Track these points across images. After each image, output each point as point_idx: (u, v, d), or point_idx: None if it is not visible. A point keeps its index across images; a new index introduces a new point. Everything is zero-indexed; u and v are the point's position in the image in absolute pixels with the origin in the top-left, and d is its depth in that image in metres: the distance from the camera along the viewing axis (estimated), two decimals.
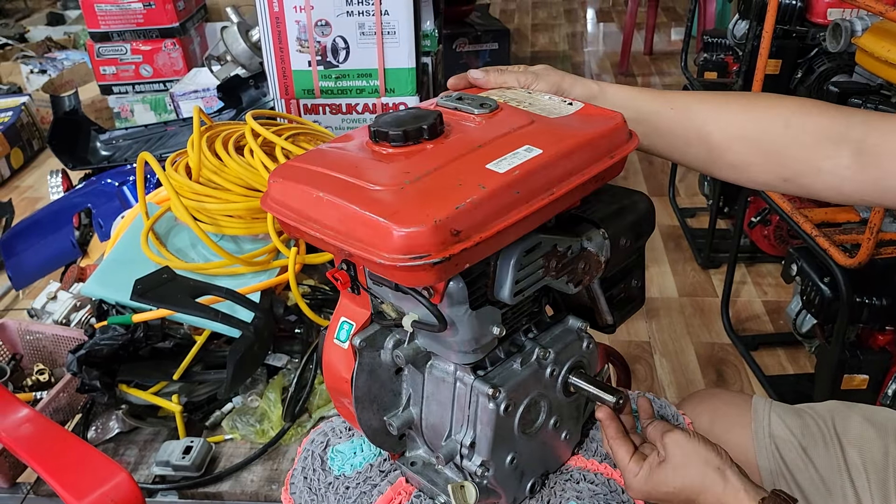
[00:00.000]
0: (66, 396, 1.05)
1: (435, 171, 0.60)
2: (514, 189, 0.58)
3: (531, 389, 0.71)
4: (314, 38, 1.57)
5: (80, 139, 1.79)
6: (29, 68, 3.56)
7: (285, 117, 1.49)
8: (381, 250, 0.55)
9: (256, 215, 1.17)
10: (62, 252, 1.54)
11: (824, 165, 0.70)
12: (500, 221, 0.57)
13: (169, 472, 0.98)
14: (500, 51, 3.73)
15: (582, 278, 0.71)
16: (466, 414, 0.70)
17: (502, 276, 0.64)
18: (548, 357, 0.72)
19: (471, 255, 0.57)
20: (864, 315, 1.41)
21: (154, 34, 2.55)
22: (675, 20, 5.03)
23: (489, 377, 0.69)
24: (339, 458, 0.84)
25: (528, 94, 0.75)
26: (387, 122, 0.65)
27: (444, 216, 0.54)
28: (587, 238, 0.70)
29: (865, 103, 1.29)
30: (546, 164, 0.61)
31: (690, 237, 2.54)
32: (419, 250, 0.54)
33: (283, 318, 1.11)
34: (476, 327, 0.65)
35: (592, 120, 0.68)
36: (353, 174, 0.61)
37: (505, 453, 0.71)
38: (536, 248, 0.65)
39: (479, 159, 0.61)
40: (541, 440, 0.75)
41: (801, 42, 1.84)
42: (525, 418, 0.71)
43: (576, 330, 0.75)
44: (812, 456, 0.84)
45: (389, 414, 0.73)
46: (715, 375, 1.98)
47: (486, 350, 0.68)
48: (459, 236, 0.55)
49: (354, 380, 0.70)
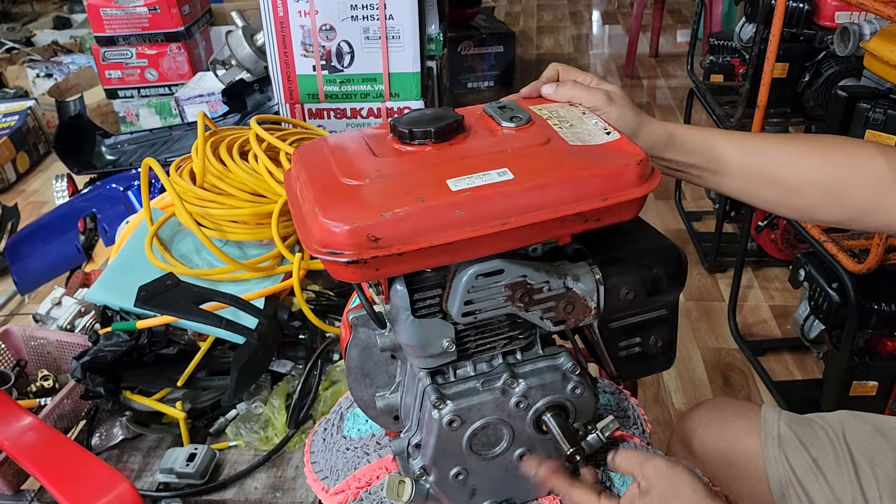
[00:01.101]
0: (70, 403, 1.05)
1: (401, 175, 0.61)
2: (456, 210, 0.57)
3: (488, 413, 0.68)
4: (319, 42, 1.57)
5: (86, 144, 1.79)
6: (35, 72, 3.58)
7: (290, 122, 1.49)
8: (310, 239, 0.58)
9: (261, 221, 1.17)
10: (67, 257, 1.54)
11: (889, 204, 0.73)
12: (431, 239, 0.56)
13: (173, 479, 0.97)
14: (506, 53, 3.73)
15: (564, 318, 0.67)
16: (419, 415, 0.70)
17: (453, 292, 0.63)
18: (515, 387, 0.68)
19: (393, 263, 0.57)
20: (872, 321, 1.39)
21: (159, 38, 2.56)
22: (680, 22, 5.01)
23: (445, 387, 0.68)
24: (354, 420, 0.88)
25: (580, 115, 0.71)
26: (406, 119, 0.66)
27: (364, 220, 0.56)
28: (573, 278, 0.66)
29: (874, 108, 1.28)
30: (508, 192, 0.58)
31: (697, 241, 2.53)
32: (335, 247, 0.56)
33: (288, 324, 1.10)
34: (420, 335, 0.64)
35: (609, 155, 0.64)
36: (343, 162, 0.64)
37: (450, 465, 0.70)
38: (496, 275, 0.62)
39: (448, 172, 0.60)
40: (502, 467, 0.72)
41: (808, 45, 1.83)
42: (479, 440, 0.69)
43: (563, 370, 0.70)
44: (822, 466, 0.84)
45: (380, 393, 0.74)
46: (722, 381, 1.97)
47: (441, 360, 0.66)
48: (378, 243, 0.55)
49: (347, 351, 0.73)
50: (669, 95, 3.88)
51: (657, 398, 1.91)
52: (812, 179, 0.75)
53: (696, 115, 3.09)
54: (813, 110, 1.87)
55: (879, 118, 1.28)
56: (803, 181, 0.75)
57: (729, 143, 0.76)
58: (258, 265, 1.14)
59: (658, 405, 1.88)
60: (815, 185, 0.75)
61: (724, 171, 0.76)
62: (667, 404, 1.89)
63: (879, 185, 0.73)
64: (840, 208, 0.76)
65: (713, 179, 0.77)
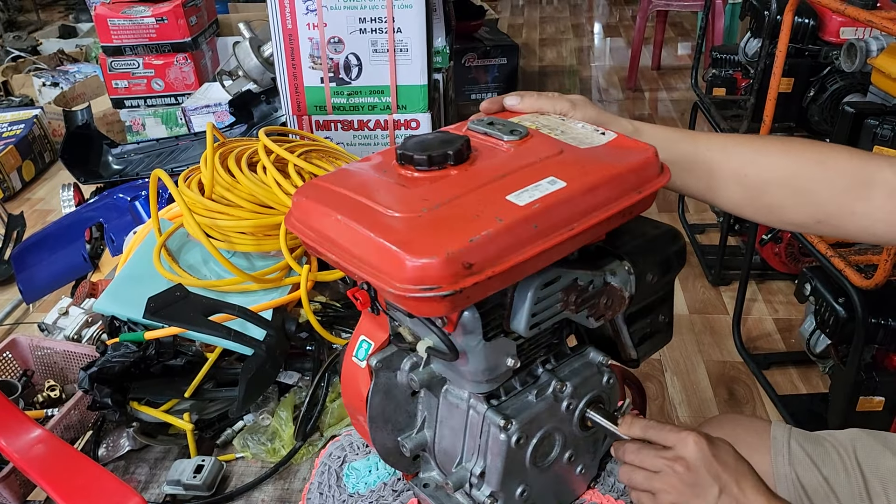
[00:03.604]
0: (78, 414, 1.05)
1: (454, 200, 0.59)
2: (531, 223, 0.57)
3: (545, 422, 0.69)
4: (327, 54, 1.58)
5: (93, 153, 1.79)
6: (41, 81, 3.59)
7: (297, 133, 1.49)
8: (393, 279, 0.54)
9: (268, 232, 1.17)
10: (74, 266, 1.54)
11: (858, 207, 0.71)
12: (516, 256, 0.56)
13: (180, 491, 0.97)
14: (509, 65, 3.74)
15: (604, 313, 0.69)
16: (478, 443, 0.69)
17: (518, 308, 0.63)
18: (564, 390, 0.70)
19: (483, 288, 0.56)
20: (880, 336, 1.39)
21: (166, 49, 2.57)
22: (681, 35, 5.04)
23: (502, 407, 0.68)
24: (355, 475, 0.84)
25: (561, 121, 0.73)
26: (413, 145, 0.64)
27: (457, 248, 0.53)
28: (611, 273, 0.68)
29: (882, 124, 1.28)
30: (568, 198, 0.59)
31: (700, 254, 2.53)
32: (430, 282, 0.53)
33: (295, 335, 1.10)
34: (489, 358, 0.64)
35: (623, 152, 0.66)
36: (373, 198, 0.60)
37: (515, 485, 0.70)
38: (555, 282, 0.63)
39: (501, 189, 0.60)
40: (554, 473, 0.73)
41: (813, 60, 1.84)
42: (538, 451, 0.70)
43: (596, 364, 0.74)
44: (833, 485, 0.83)
45: (404, 435, 0.73)
46: (727, 394, 1.96)
47: (501, 380, 0.67)
48: (472, 269, 0.54)
49: (369, 400, 0.70)
50: (671, 108, 3.89)
51: (662, 411, 1.91)
52: (778, 177, 0.73)
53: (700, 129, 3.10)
54: (818, 125, 1.88)
55: (888, 134, 1.28)
56: (769, 179, 0.74)
57: (691, 140, 0.76)
58: (266, 276, 1.14)
59: (663, 418, 1.88)
60: (782, 184, 0.73)
61: (688, 168, 0.75)
62: (672, 417, 1.89)
63: (850, 187, 0.71)
64: (807, 209, 0.74)
65: (679, 178, 0.75)
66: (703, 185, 0.76)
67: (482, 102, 0.78)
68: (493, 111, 0.78)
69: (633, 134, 0.76)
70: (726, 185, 0.75)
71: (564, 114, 0.75)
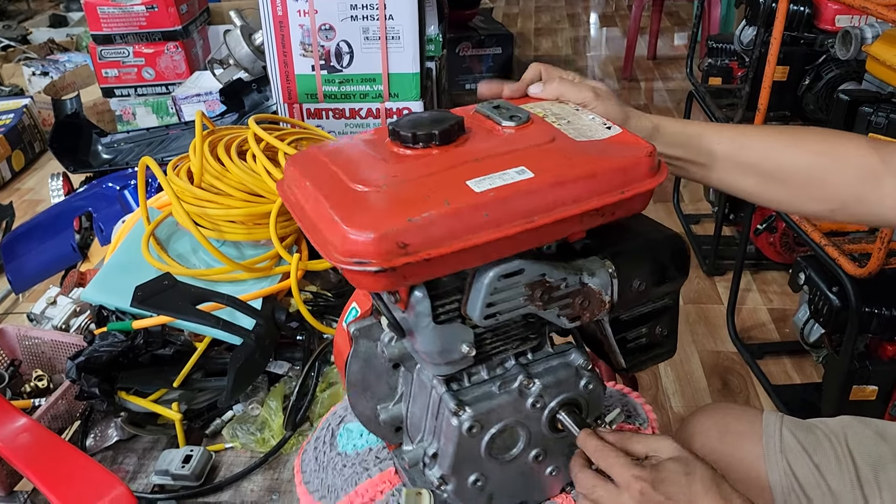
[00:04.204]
0: (65, 403, 1.04)
1: (418, 179, 0.59)
2: (482, 211, 0.56)
3: (506, 416, 0.67)
4: (318, 42, 1.56)
5: (82, 142, 1.77)
6: (31, 70, 3.56)
7: (288, 122, 1.48)
8: (334, 250, 0.56)
9: (258, 221, 1.16)
10: (62, 256, 1.53)
11: (870, 195, 0.73)
12: (459, 242, 0.55)
13: (168, 481, 0.96)
14: (504, 55, 3.73)
15: (580, 314, 0.66)
16: (434, 424, 0.68)
17: (474, 296, 0.61)
18: (531, 387, 0.67)
19: (423, 269, 0.55)
20: (873, 325, 1.39)
21: (157, 37, 2.55)
22: (678, 25, 5.02)
23: (462, 393, 0.66)
24: (347, 436, 0.86)
25: (573, 112, 0.71)
26: (405, 122, 0.64)
27: (393, 227, 0.53)
28: (589, 273, 0.65)
29: (876, 112, 1.27)
30: (530, 190, 0.58)
31: (695, 244, 2.53)
32: (362, 256, 0.53)
33: (285, 325, 1.09)
34: (440, 341, 0.63)
35: (617, 149, 0.63)
36: (348, 169, 0.61)
37: (468, 472, 0.68)
38: (517, 274, 0.61)
39: (466, 174, 0.59)
40: (518, 469, 0.71)
41: (808, 49, 1.83)
42: (496, 443, 0.68)
43: (575, 366, 0.70)
44: (824, 472, 0.83)
45: (382, 405, 0.73)
46: (720, 384, 1.96)
47: (458, 366, 0.65)
48: (407, 249, 0.54)
49: (348, 365, 0.71)
50: (667, 98, 3.88)
51: (655, 401, 1.91)
52: (793, 167, 0.75)
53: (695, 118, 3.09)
54: (813, 113, 1.87)
55: (882, 122, 1.27)
56: (784, 169, 0.75)
57: (710, 133, 0.77)
58: (255, 266, 1.13)
59: (656, 408, 1.88)
60: (796, 173, 0.75)
61: (706, 162, 0.77)
62: (665, 408, 1.89)
63: (862, 175, 0.73)
64: (821, 198, 0.75)
65: (697, 171, 0.77)
66: (720, 176, 0.78)
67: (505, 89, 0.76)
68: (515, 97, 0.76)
69: (653, 132, 0.76)
70: (744, 176, 0.77)
71: (586, 103, 0.73)
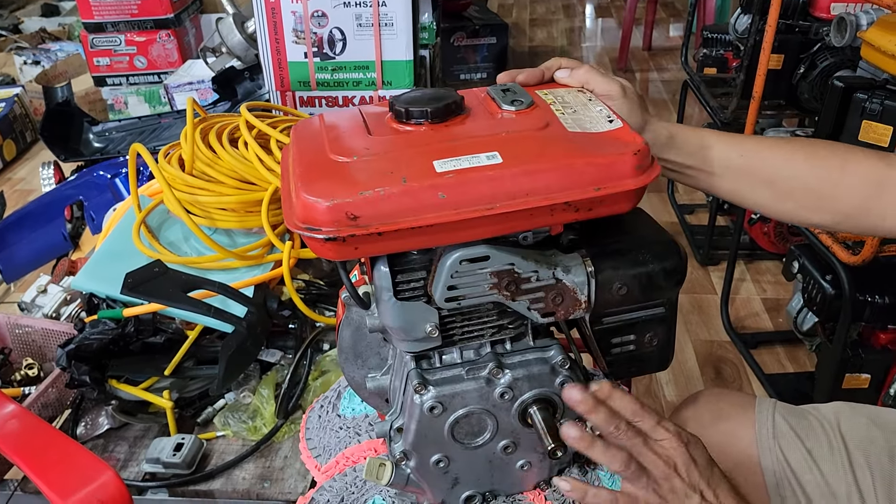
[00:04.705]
0: (55, 392, 1.03)
1: (389, 154, 0.60)
2: (438, 192, 0.56)
3: (471, 402, 0.67)
4: (310, 29, 1.55)
5: (73, 131, 1.76)
6: (22, 59, 3.53)
7: (281, 109, 1.47)
8: (292, 214, 0.58)
9: (250, 209, 1.15)
10: (53, 245, 1.52)
11: (872, 206, 0.74)
12: (411, 220, 0.55)
13: (159, 469, 0.96)
14: (498, 45, 3.71)
15: (553, 311, 0.64)
16: (402, 399, 0.69)
17: (437, 277, 0.61)
18: (500, 377, 0.66)
19: (374, 243, 0.56)
20: (866, 313, 1.39)
21: (148, 25, 2.53)
22: (673, 16, 5.01)
23: (429, 372, 0.67)
24: (349, 400, 0.89)
25: (585, 102, 0.69)
26: (404, 99, 0.65)
27: (343, 198, 0.55)
28: (564, 270, 0.63)
29: (871, 98, 1.27)
30: (494, 176, 0.57)
31: (689, 234, 2.53)
32: (313, 223, 0.55)
33: (277, 313, 1.09)
34: (401, 318, 0.63)
35: (605, 144, 0.61)
36: (335, 139, 0.63)
37: (430, 452, 0.69)
38: (482, 261, 0.61)
39: (437, 153, 0.59)
40: (486, 458, 0.71)
41: (803, 37, 1.82)
42: (462, 428, 0.68)
43: (552, 363, 0.67)
44: (816, 458, 0.83)
45: (371, 375, 0.74)
46: (714, 374, 1.97)
47: (424, 345, 0.65)
48: (357, 221, 0.55)
49: (340, 331, 0.72)
50: (662, 89, 3.87)
51: (649, 390, 1.91)
52: (804, 182, 0.76)
53: (690, 109, 3.08)
54: (807, 102, 1.87)
55: (876, 108, 1.27)
56: (795, 183, 0.77)
57: (725, 145, 0.77)
58: (247, 253, 1.12)
59: (650, 397, 1.88)
60: (806, 188, 0.76)
61: (719, 173, 0.77)
62: (658, 396, 1.89)
63: (866, 188, 0.74)
64: (829, 211, 0.77)
65: (708, 180, 0.78)
66: (731, 188, 0.79)
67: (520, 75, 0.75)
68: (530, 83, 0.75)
69: (669, 140, 0.76)
70: (756, 189, 0.78)
71: (612, 97, 0.73)
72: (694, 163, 0.77)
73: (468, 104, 0.68)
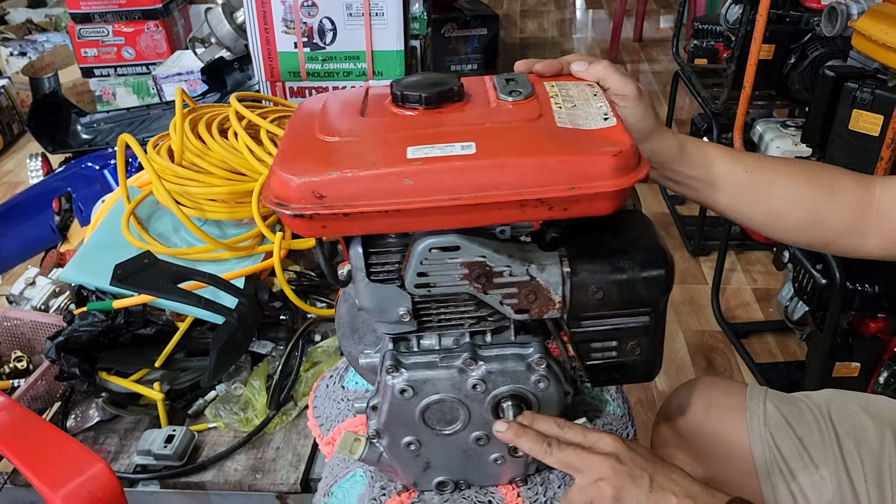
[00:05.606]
0: (45, 384, 1.02)
1: (368, 136, 0.61)
2: (405, 178, 0.56)
3: (443, 390, 0.67)
4: (300, 18, 1.54)
5: (61, 122, 1.74)
6: (9, 50, 3.49)
7: (271, 100, 1.46)
8: (268, 189, 0.59)
9: (241, 199, 1.14)
10: (42, 237, 1.50)
11: (857, 227, 0.76)
12: (375, 203, 0.56)
13: (150, 461, 0.95)
14: (489, 36, 3.70)
15: (527, 308, 0.63)
16: (379, 378, 0.70)
17: (410, 262, 0.62)
18: (473, 368, 0.66)
19: (341, 223, 0.57)
20: (856, 302, 1.40)
21: (136, 16, 2.50)
22: (664, 7, 5.00)
23: (405, 355, 0.68)
24: (356, 373, 0.90)
25: (589, 97, 0.67)
26: (404, 82, 0.66)
27: (311, 176, 0.56)
28: (539, 268, 0.62)
29: (861, 87, 1.27)
30: (462, 167, 0.56)
31: (680, 224, 2.53)
32: (282, 199, 0.57)
33: (268, 304, 1.08)
34: (375, 300, 0.64)
35: (589, 142, 0.59)
36: (329, 119, 0.65)
37: (402, 433, 0.70)
38: (452, 251, 0.60)
39: (414, 140, 0.59)
40: (458, 446, 0.71)
41: (794, 27, 1.82)
42: (434, 414, 0.69)
43: (528, 360, 0.66)
44: (807, 445, 0.83)
45: (366, 352, 0.75)
46: (705, 363, 1.97)
47: (400, 328, 0.66)
48: (323, 201, 0.56)
49: (337, 306, 0.74)
50: (653, 80, 3.87)
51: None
52: (802, 201, 0.77)
53: (681, 100, 3.09)
54: (798, 93, 1.87)
55: (867, 98, 1.27)
56: (790, 202, 0.78)
57: (731, 159, 0.78)
58: (238, 244, 1.12)
59: (640, 386, 1.89)
60: (800, 208, 0.77)
61: (721, 187, 0.77)
62: (649, 386, 1.90)
63: (852, 209, 0.76)
64: (819, 233, 0.79)
65: (709, 194, 0.78)
66: (729, 203, 0.79)
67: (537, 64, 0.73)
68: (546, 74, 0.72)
69: (678, 151, 0.76)
70: (755, 205, 0.79)
71: (626, 97, 0.72)
72: (699, 174, 0.77)
73: (472, 91, 0.67)
